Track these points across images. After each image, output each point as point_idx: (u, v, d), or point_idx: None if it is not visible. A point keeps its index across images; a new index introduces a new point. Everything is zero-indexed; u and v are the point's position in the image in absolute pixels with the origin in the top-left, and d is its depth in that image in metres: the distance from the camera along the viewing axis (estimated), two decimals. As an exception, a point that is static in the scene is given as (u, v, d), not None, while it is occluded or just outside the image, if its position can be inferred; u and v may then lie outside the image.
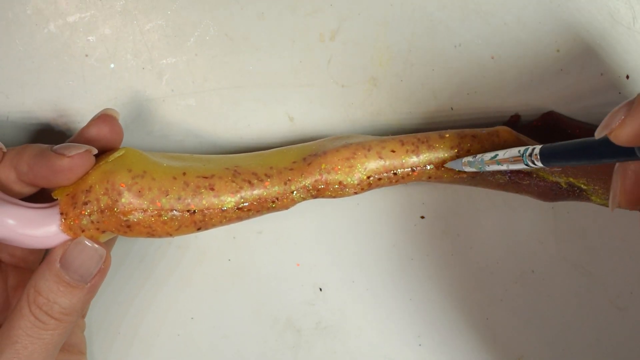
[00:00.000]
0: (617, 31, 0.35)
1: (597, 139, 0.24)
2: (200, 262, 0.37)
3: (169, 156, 0.32)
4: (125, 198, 0.29)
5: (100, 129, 0.30)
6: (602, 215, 0.37)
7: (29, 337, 0.28)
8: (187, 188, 0.29)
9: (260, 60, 0.35)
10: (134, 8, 0.34)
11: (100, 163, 0.29)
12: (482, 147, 0.32)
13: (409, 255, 0.37)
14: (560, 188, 0.33)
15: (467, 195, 0.37)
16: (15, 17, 0.34)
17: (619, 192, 0.26)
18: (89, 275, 0.29)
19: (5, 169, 0.29)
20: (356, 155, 0.31)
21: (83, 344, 0.34)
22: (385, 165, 0.31)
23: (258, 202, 0.30)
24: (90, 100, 0.35)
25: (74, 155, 0.28)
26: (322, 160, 0.31)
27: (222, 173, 0.30)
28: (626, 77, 0.36)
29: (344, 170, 0.31)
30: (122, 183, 0.29)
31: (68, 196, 0.29)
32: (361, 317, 0.37)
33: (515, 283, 0.37)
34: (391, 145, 0.31)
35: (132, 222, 0.29)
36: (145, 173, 0.29)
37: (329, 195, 0.31)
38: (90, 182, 0.29)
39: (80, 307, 0.29)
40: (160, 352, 0.37)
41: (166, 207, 0.29)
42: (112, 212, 0.29)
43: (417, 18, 0.35)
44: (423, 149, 0.31)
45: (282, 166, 0.31)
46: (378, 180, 0.31)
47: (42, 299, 0.28)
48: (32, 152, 0.29)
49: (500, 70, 0.35)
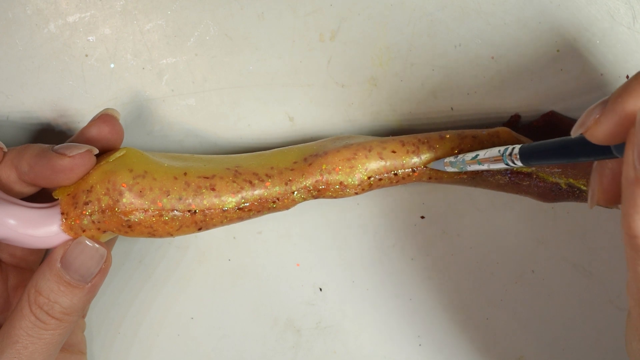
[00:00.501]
0: (617, 31, 0.35)
1: (574, 138, 0.24)
2: (200, 262, 0.37)
3: (170, 156, 0.32)
4: (126, 198, 0.29)
5: (100, 129, 0.30)
6: (602, 215, 0.37)
7: (30, 336, 0.28)
8: (188, 188, 0.29)
9: (260, 60, 0.35)
10: (134, 8, 0.34)
11: (101, 163, 0.29)
12: (482, 148, 0.32)
13: (409, 255, 0.37)
14: (560, 189, 0.33)
15: (467, 195, 0.37)
16: (15, 17, 0.34)
17: (597, 190, 0.26)
18: (90, 275, 0.29)
19: (6, 169, 0.29)
20: (357, 156, 0.31)
21: (83, 344, 0.34)
22: (386, 165, 0.31)
23: (259, 202, 0.30)
24: (90, 100, 0.35)
25: (74, 155, 0.28)
26: (322, 161, 0.31)
27: (223, 173, 0.30)
28: (626, 77, 0.36)
29: (345, 171, 0.31)
30: (123, 183, 0.29)
31: (69, 196, 0.29)
32: (361, 317, 0.37)
33: (515, 283, 0.37)
34: (392, 146, 0.31)
35: (133, 222, 0.29)
36: (146, 173, 0.29)
37: (330, 195, 0.31)
38: (92, 182, 0.29)
39: (81, 307, 0.29)
40: (160, 352, 0.37)
41: (167, 207, 0.29)
42: (113, 212, 0.29)
43: (417, 18, 0.35)
44: (424, 150, 0.32)
45: (283, 166, 0.31)
46: (379, 180, 0.31)
47: (42, 298, 0.28)
48: (33, 152, 0.29)
49: (500, 70, 0.35)
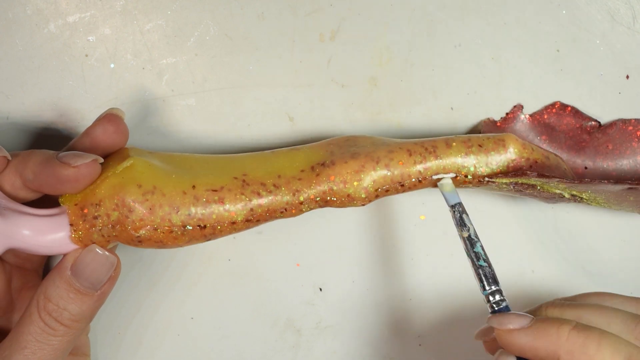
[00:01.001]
0: (617, 31, 0.35)
1: None
2: (201, 262, 0.37)
3: (174, 158, 0.31)
4: (135, 215, 0.29)
5: (105, 129, 0.30)
6: (602, 215, 0.37)
7: (38, 342, 0.28)
8: (197, 203, 0.29)
9: (260, 60, 0.35)
10: (134, 8, 0.34)
11: (107, 173, 0.29)
12: (488, 156, 0.32)
13: (409, 255, 0.37)
14: (563, 197, 0.33)
15: (467, 195, 0.37)
16: (15, 17, 0.34)
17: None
18: (100, 283, 0.29)
19: (11, 176, 0.29)
20: (364, 168, 0.31)
21: (87, 347, 0.34)
22: (393, 176, 0.31)
23: (267, 213, 0.30)
24: (90, 100, 0.35)
25: (80, 165, 0.28)
26: (330, 172, 0.31)
27: (231, 185, 0.30)
28: (626, 77, 0.36)
29: (352, 184, 0.31)
30: (132, 200, 0.28)
31: (77, 207, 0.29)
32: (361, 317, 0.37)
33: (515, 283, 0.37)
34: (399, 157, 0.31)
35: (143, 238, 0.29)
36: (155, 189, 0.29)
37: (337, 205, 0.31)
38: (100, 196, 0.29)
39: (90, 314, 0.29)
40: (160, 352, 0.37)
41: (177, 224, 0.29)
42: (124, 228, 0.29)
43: (417, 18, 0.35)
44: (430, 159, 0.32)
45: (290, 175, 0.31)
46: (385, 191, 0.31)
47: (52, 305, 0.28)
48: (37, 159, 0.29)
49: (500, 70, 0.35)
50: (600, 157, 0.36)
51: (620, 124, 0.36)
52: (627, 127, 0.36)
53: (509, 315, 0.28)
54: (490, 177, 0.32)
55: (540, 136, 0.36)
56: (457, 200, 0.31)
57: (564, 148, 0.36)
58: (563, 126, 0.36)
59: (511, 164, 0.32)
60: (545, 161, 0.33)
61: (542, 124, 0.36)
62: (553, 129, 0.35)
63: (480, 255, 0.30)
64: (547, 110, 0.36)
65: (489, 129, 0.36)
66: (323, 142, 0.33)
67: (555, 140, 0.36)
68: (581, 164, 0.36)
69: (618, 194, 0.33)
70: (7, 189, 0.29)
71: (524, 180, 0.31)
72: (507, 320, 0.28)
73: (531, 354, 0.27)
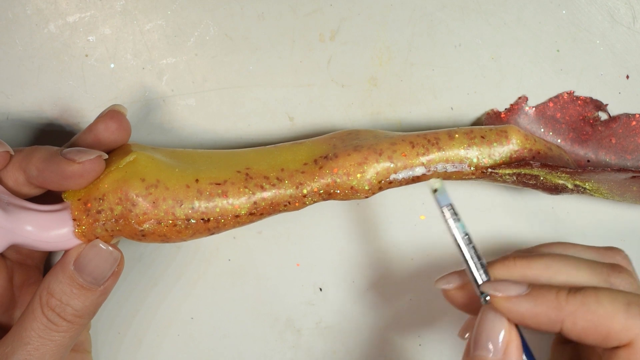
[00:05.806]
0: (617, 31, 0.35)
1: None
2: (201, 262, 0.37)
3: (177, 153, 0.31)
4: (139, 208, 0.29)
5: (108, 125, 0.30)
6: (602, 215, 0.37)
7: (41, 338, 0.28)
8: (200, 196, 0.29)
9: (260, 60, 0.35)
10: (134, 8, 0.34)
11: (111, 168, 0.29)
12: (490, 147, 0.32)
13: (409, 255, 0.37)
14: (566, 187, 0.33)
15: (468, 195, 0.37)
16: (15, 17, 0.34)
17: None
18: (103, 278, 0.29)
19: (14, 171, 0.29)
20: (368, 160, 0.31)
21: (88, 343, 0.34)
22: (397, 168, 0.31)
23: (270, 206, 0.30)
24: (90, 100, 0.35)
25: (84, 161, 0.28)
26: (333, 165, 0.31)
27: (235, 178, 0.30)
28: (626, 77, 0.36)
29: (356, 176, 0.31)
30: (136, 194, 0.28)
31: (80, 201, 0.29)
32: (361, 317, 0.37)
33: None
34: (402, 149, 0.31)
35: (147, 232, 0.29)
36: (158, 182, 0.29)
37: (340, 198, 0.31)
38: (103, 190, 0.29)
39: (93, 310, 0.29)
40: (159, 352, 0.37)
41: (181, 217, 0.29)
42: (127, 222, 0.29)
43: (417, 18, 0.35)
44: (433, 151, 0.32)
45: (294, 168, 0.31)
46: (389, 183, 0.31)
47: (54, 300, 0.28)
48: (41, 155, 0.29)
49: (500, 70, 0.35)
50: (603, 150, 0.36)
51: (624, 119, 0.36)
52: (631, 121, 0.36)
53: (505, 282, 0.28)
54: (493, 168, 0.32)
55: (543, 128, 0.36)
56: (448, 201, 0.31)
57: (567, 140, 0.36)
58: (567, 117, 0.36)
59: (514, 155, 0.32)
60: (547, 152, 0.33)
61: (546, 116, 0.36)
62: (557, 120, 0.35)
63: (474, 254, 0.30)
64: (552, 102, 0.36)
65: (492, 120, 0.36)
66: (326, 136, 0.33)
67: (559, 132, 0.36)
68: (584, 157, 0.36)
69: (621, 184, 0.33)
70: (10, 184, 0.29)
71: (526, 171, 0.31)
72: (503, 287, 0.28)
73: (531, 320, 0.27)
